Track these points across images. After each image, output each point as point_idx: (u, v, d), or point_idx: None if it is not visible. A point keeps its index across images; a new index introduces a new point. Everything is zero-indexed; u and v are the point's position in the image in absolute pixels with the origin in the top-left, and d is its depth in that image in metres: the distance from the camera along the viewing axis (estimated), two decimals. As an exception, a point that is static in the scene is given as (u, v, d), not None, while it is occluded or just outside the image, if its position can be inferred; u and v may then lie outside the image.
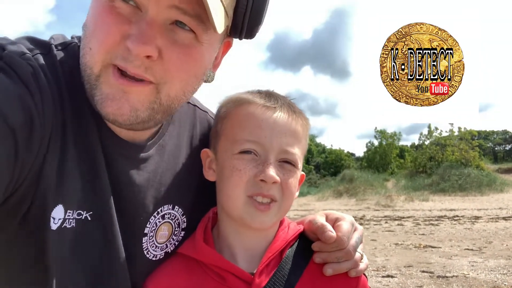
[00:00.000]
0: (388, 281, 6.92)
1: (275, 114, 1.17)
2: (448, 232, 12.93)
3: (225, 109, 1.24)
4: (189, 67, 1.00)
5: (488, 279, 6.92)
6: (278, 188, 1.15)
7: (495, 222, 15.17)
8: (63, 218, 0.99)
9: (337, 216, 1.26)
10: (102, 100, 0.96)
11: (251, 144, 1.14)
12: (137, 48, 0.90)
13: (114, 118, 0.97)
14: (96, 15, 0.95)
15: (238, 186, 1.13)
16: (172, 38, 0.95)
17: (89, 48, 0.95)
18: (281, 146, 1.15)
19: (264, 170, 1.11)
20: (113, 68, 0.95)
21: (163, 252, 1.23)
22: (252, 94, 1.23)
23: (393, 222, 16.19)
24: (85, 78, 0.98)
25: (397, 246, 10.55)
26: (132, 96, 0.96)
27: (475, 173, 32.57)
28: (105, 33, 0.93)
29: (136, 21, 0.93)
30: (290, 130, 1.17)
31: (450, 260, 8.64)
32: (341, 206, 25.57)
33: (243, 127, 1.17)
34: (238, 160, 1.14)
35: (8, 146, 0.84)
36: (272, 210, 1.15)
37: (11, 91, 0.87)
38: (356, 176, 35.27)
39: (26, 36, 1.04)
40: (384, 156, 50.31)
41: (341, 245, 1.17)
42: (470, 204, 24.43)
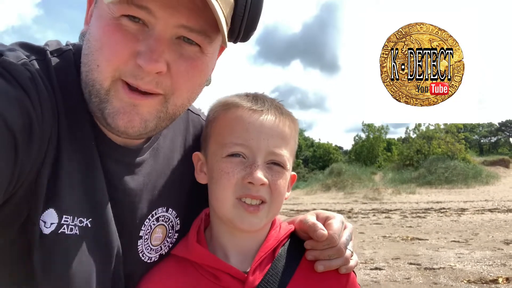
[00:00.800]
0: (376, 274, 6.98)
1: (262, 117, 1.17)
2: (435, 224, 13.09)
3: (213, 113, 1.25)
4: (195, 78, 1.04)
5: (474, 271, 7.01)
6: (267, 190, 1.15)
7: (481, 214, 15.41)
8: (58, 223, 0.98)
9: (327, 215, 1.26)
10: (114, 114, 0.98)
11: (239, 147, 1.15)
12: (149, 66, 0.92)
13: (125, 130, 1.00)
14: (102, 33, 0.95)
15: (226, 188, 1.14)
16: (179, 52, 0.98)
17: (97, 65, 0.95)
18: (269, 148, 1.15)
19: (252, 172, 1.12)
20: (123, 83, 0.96)
21: (158, 254, 1.23)
22: (240, 97, 1.23)
23: (381, 215, 16.35)
24: (93, 92, 0.98)
25: (384, 238, 10.65)
26: (142, 108, 0.99)
27: (461, 166, 33.02)
28: (113, 51, 0.94)
29: (144, 38, 0.94)
30: (277, 132, 1.18)
31: (437, 252, 8.75)
32: (329, 200, 25.75)
33: (231, 131, 1.17)
34: (226, 163, 1.15)
35: (8, 149, 0.83)
36: (262, 212, 1.15)
37: (11, 95, 0.87)
38: (344, 170, 35.56)
39: (21, 42, 1.05)
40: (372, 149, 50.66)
41: (332, 242, 1.18)
42: (456, 196, 24.79)
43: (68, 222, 1.00)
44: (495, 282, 6.29)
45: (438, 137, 40.05)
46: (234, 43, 1.13)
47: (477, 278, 6.53)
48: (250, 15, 1.05)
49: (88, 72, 0.98)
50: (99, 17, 0.96)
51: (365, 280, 6.51)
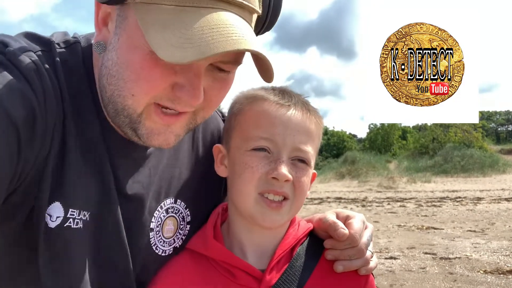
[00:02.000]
0: (391, 263, 6.97)
1: (289, 112, 1.15)
2: (450, 214, 13.00)
3: (239, 105, 1.23)
4: (224, 96, 1.06)
5: (490, 261, 6.97)
6: (290, 186, 1.13)
7: (498, 203, 15.24)
8: (64, 217, 0.99)
9: (347, 214, 1.24)
10: (148, 135, 1.00)
11: (264, 141, 1.13)
12: (192, 102, 0.94)
13: (160, 146, 1.04)
14: (139, 67, 0.92)
15: (250, 183, 1.12)
16: (212, 77, 0.98)
17: (132, 95, 0.95)
18: (294, 144, 1.13)
19: (277, 167, 1.10)
20: (155, 106, 0.97)
21: (172, 247, 1.23)
22: (266, 91, 1.21)
23: (396, 203, 16.27)
24: (122, 113, 0.98)
25: (399, 227, 10.62)
26: (175, 127, 1.01)
27: (478, 154, 32.61)
28: (151, 85, 0.93)
29: (182, 71, 0.93)
30: (304, 128, 1.16)
31: (453, 241, 8.70)
32: (343, 188, 25.69)
33: (257, 124, 1.15)
34: (251, 157, 1.13)
35: (11, 141, 0.83)
36: (284, 209, 1.13)
37: (14, 87, 0.86)
38: (358, 158, 35.36)
39: (26, 33, 1.04)
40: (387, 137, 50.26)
41: (353, 242, 1.16)
42: (473, 185, 24.52)
43: (74, 215, 1.00)
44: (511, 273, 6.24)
45: (455, 125, 39.56)
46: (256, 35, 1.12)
47: (494, 268, 6.48)
48: (270, 20, 1.06)
49: (119, 96, 0.96)
50: (133, 47, 0.92)
51: (380, 270, 6.51)
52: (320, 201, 17.48)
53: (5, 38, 0.96)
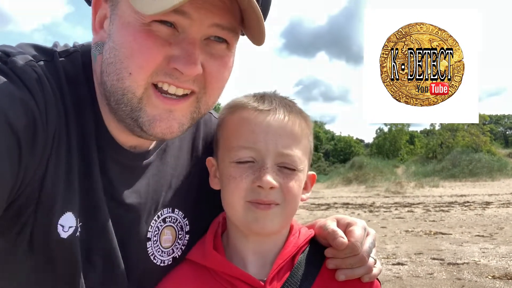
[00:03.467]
0: (398, 269, 6.91)
1: (269, 117, 1.14)
2: (458, 219, 12.89)
3: (221, 116, 1.23)
4: (225, 76, 1.06)
5: (499, 266, 6.89)
6: (279, 193, 1.12)
7: (506, 208, 15.11)
8: (76, 226, 1.00)
9: (348, 221, 1.22)
10: (150, 122, 0.99)
11: (247, 150, 1.12)
12: (189, 70, 0.94)
13: (163, 136, 1.02)
14: (133, 40, 0.94)
15: (236, 193, 1.12)
16: (209, 52, 0.99)
17: (129, 73, 0.95)
18: (278, 149, 1.12)
19: (260, 176, 1.09)
20: (153, 88, 0.97)
21: (171, 257, 1.23)
22: (247, 98, 1.20)
23: (403, 208, 16.18)
24: (123, 101, 0.99)
25: (407, 233, 10.54)
26: (178, 113, 1.01)
27: (486, 158, 32.42)
28: (146, 57, 0.94)
29: (176, 42, 0.95)
30: (286, 131, 1.14)
31: (461, 247, 8.62)
32: (351, 193, 25.59)
33: (237, 134, 1.14)
34: (235, 168, 1.12)
35: (12, 149, 0.84)
36: (274, 211, 1.12)
37: (15, 96, 0.87)
38: (365, 163, 35.28)
39: (30, 43, 1.06)
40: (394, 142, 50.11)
41: (354, 251, 1.14)
42: (481, 189, 24.35)
43: (80, 225, 1.01)
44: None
45: (463, 129, 39.39)
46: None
47: (502, 273, 6.40)
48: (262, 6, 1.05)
49: (117, 80, 0.97)
50: (125, 25, 0.95)
51: (387, 276, 6.45)
52: (327, 206, 17.41)
53: (7, 48, 0.98)
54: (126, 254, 1.12)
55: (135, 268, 1.13)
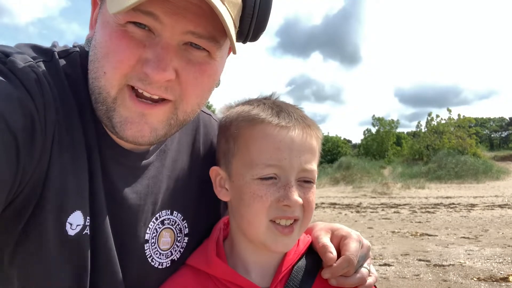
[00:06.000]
0: (385, 270, 6.96)
1: (291, 133, 1.12)
2: (444, 220, 13.02)
3: (235, 128, 1.18)
4: (205, 84, 1.02)
5: (484, 268, 6.97)
6: (300, 208, 1.12)
7: (491, 210, 15.28)
8: (83, 224, 1.00)
9: (343, 234, 1.22)
10: (121, 124, 0.98)
11: (272, 168, 1.10)
12: (157, 75, 0.92)
13: (134, 140, 1.00)
14: (109, 40, 0.94)
15: (260, 212, 1.10)
16: (187, 58, 0.96)
17: (103, 72, 0.95)
18: (301, 165, 1.11)
19: (288, 194, 1.08)
20: (129, 90, 0.96)
21: (169, 259, 1.21)
22: (263, 111, 1.17)
23: (390, 209, 16.28)
24: (100, 100, 0.98)
25: (393, 234, 10.62)
26: (151, 117, 0.98)
27: (472, 161, 32.76)
28: (120, 58, 0.93)
29: (150, 45, 0.93)
30: (307, 147, 1.14)
31: (447, 248, 8.70)
32: (338, 194, 25.69)
33: (261, 150, 1.12)
34: (259, 186, 1.10)
35: (9, 149, 0.83)
36: (295, 231, 1.13)
37: (13, 96, 0.87)
38: (353, 164, 35.44)
39: (29, 44, 1.05)
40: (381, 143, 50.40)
41: (350, 264, 1.15)
42: (466, 191, 24.59)
43: (88, 223, 1.01)
44: (505, 280, 6.23)
45: (449, 131, 39.76)
46: (243, 43, 1.11)
47: (487, 275, 6.48)
48: (259, 15, 1.04)
49: (95, 79, 0.97)
50: (105, 24, 0.95)
51: (374, 276, 6.49)
52: (315, 206, 17.43)
53: (5, 48, 0.97)
54: (124, 256, 1.10)
55: (132, 269, 1.12)
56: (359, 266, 1.18)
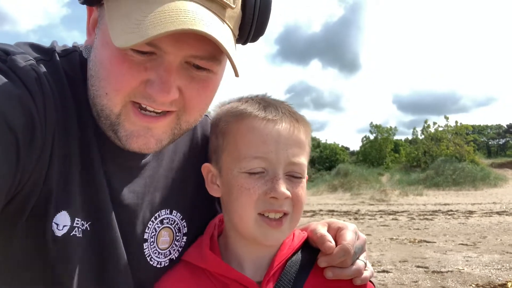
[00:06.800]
0: (383, 276, 6.95)
1: (278, 126, 1.14)
2: (442, 227, 13.01)
3: (224, 124, 1.20)
4: (207, 97, 1.04)
5: (482, 274, 6.96)
6: (289, 202, 1.13)
7: (489, 217, 15.29)
8: (71, 226, 0.99)
9: (339, 226, 1.23)
10: (127, 137, 0.99)
11: (258, 160, 1.11)
12: (162, 97, 0.93)
13: (140, 151, 1.02)
14: (109, 63, 0.94)
15: (248, 205, 1.11)
16: (189, 76, 0.97)
17: (105, 93, 0.95)
18: (288, 159, 1.12)
19: (274, 187, 1.09)
20: (133, 106, 0.96)
21: (167, 259, 1.22)
22: (250, 105, 1.18)
23: (388, 216, 16.28)
24: (102, 115, 0.99)
25: (392, 241, 10.60)
26: (156, 130, 1.00)
27: (469, 168, 32.79)
28: (121, 82, 0.93)
29: (152, 67, 0.93)
30: (295, 140, 1.14)
31: (445, 255, 8.69)
32: (336, 201, 25.67)
33: (247, 144, 1.13)
34: (246, 179, 1.11)
35: (9, 148, 0.84)
36: (285, 225, 1.13)
37: (13, 95, 0.87)
38: (351, 171, 35.43)
39: (29, 43, 1.05)
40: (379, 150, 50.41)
41: (346, 254, 1.14)
42: (464, 198, 24.61)
43: (79, 225, 1.01)
44: (503, 287, 6.23)
45: (446, 138, 39.83)
46: (242, 45, 1.12)
47: (486, 282, 6.47)
48: (258, 21, 1.05)
49: (97, 97, 0.98)
50: (105, 44, 0.94)
51: (372, 283, 6.47)
52: (313, 213, 17.43)
53: (6, 46, 0.98)
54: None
55: (131, 269, 1.12)
56: (356, 258, 1.18)
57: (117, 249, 1.08)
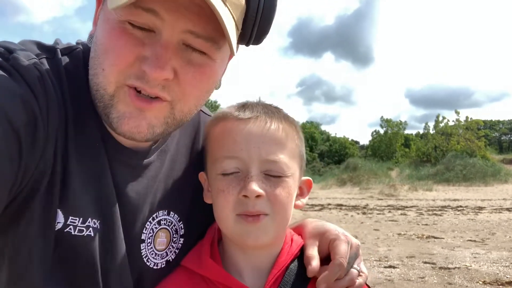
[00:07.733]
0: (390, 272, 6.94)
1: (249, 125, 1.11)
2: (451, 223, 12.94)
3: (206, 128, 1.22)
4: (203, 85, 1.02)
5: (490, 271, 6.92)
6: (266, 202, 1.08)
7: (499, 213, 15.17)
8: (64, 223, 0.99)
9: (331, 238, 1.19)
10: (119, 119, 0.97)
11: (230, 160, 1.10)
12: (155, 73, 0.92)
13: (131, 135, 0.99)
14: (108, 37, 0.94)
15: (225, 207, 1.10)
16: (186, 58, 0.96)
17: (102, 69, 0.95)
18: (261, 156, 1.09)
19: (245, 185, 1.07)
20: (128, 88, 0.96)
21: (164, 260, 1.22)
22: (229, 108, 1.19)
23: (396, 211, 16.21)
24: (98, 97, 0.98)
25: (400, 236, 10.57)
26: (149, 113, 0.98)
27: (480, 163, 32.50)
28: (118, 55, 0.93)
29: (150, 44, 0.93)
30: (269, 137, 1.11)
31: (453, 251, 8.66)
32: (345, 195, 25.61)
33: (220, 145, 1.13)
34: (222, 181, 1.10)
35: (12, 147, 0.84)
36: (264, 223, 1.09)
37: (15, 93, 0.87)
38: (360, 165, 35.31)
39: (32, 40, 1.05)
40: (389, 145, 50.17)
41: (342, 268, 1.12)
42: (474, 194, 24.42)
43: (76, 223, 1.00)
44: (511, 284, 6.19)
45: (457, 133, 39.50)
46: (246, 46, 1.11)
47: (493, 279, 6.44)
48: (262, 18, 1.03)
49: (94, 75, 0.98)
50: (106, 20, 0.95)
51: (378, 279, 6.48)
52: (321, 207, 17.41)
53: (9, 44, 0.98)
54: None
55: (130, 270, 1.12)
56: (350, 268, 1.16)
57: (121, 248, 1.09)
